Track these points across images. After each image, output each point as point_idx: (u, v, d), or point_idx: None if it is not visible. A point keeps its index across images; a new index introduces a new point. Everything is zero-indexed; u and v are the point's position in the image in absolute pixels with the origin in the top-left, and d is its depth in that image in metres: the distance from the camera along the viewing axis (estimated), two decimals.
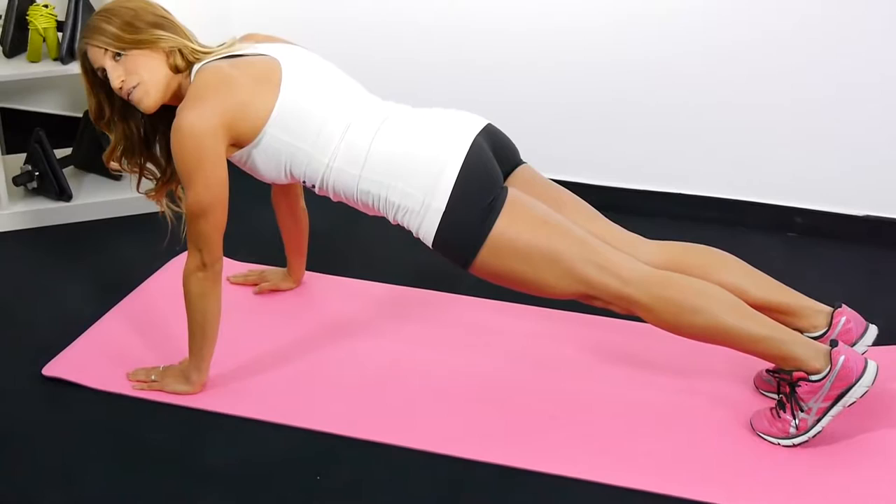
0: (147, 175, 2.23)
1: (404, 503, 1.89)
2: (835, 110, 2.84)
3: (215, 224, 2.02)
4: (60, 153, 3.06)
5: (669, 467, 1.95)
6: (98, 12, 2.06)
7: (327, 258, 2.71)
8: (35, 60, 2.93)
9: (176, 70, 2.06)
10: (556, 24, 3.01)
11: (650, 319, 2.00)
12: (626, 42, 2.96)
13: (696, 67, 2.92)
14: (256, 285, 2.59)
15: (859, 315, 2.09)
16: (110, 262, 2.76)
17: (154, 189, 2.24)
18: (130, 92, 2.03)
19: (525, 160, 2.20)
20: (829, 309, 2.09)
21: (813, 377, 1.92)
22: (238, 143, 2.05)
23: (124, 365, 2.22)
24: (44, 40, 2.93)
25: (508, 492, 1.91)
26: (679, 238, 2.20)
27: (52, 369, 2.22)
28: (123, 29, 2.01)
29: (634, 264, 2.01)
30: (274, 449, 2.02)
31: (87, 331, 2.37)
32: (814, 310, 2.08)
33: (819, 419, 1.94)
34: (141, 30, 2.02)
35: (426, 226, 2.01)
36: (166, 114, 2.10)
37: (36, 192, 3.01)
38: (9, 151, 3.31)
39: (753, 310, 1.98)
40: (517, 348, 2.34)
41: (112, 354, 2.28)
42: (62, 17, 2.93)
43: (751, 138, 2.95)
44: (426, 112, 2.10)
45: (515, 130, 2.22)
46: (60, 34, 2.93)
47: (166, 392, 2.15)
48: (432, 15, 3.11)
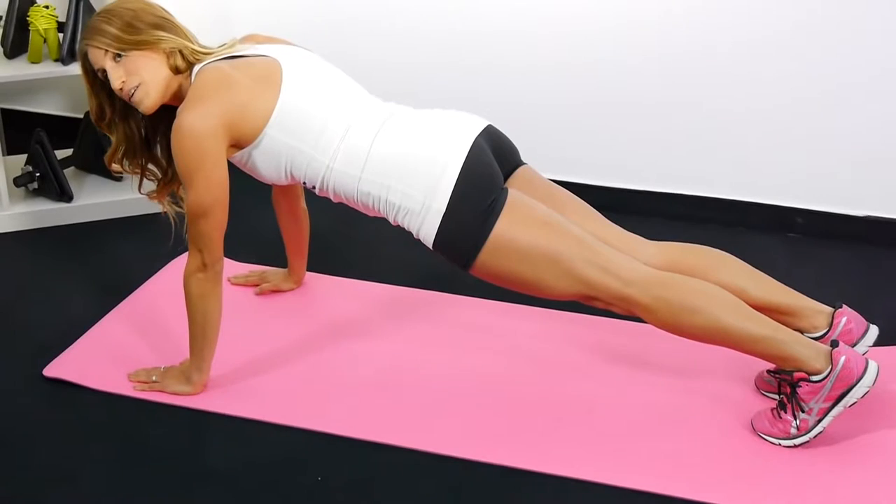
0: (148, 176, 2.23)
1: None
2: (835, 110, 2.84)
3: (216, 224, 2.02)
4: (61, 154, 3.07)
5: (671, 468, 1.94)
6: (98, 13, 2.06)
7: (328, 259, 2.71)
8: (36, 61, 2.93)
9: (176, 71, 2.06)
10: (556, 26, 3.01)
11: (650, 320, 2.00)
12: (627, 43, 2.96)
13: (696, 68, 2.92)
14: (257, 286, 2.59)
15: (860, 315, 2.09)
16: (111, 263, 2.76)
17: (155, 190, 2.25)
18: (131, 93, 2.03)
19: (525, 161, 2.20)
20: (830, 309, 2.09)
21: (814, 378, 1.92)
22: (238, 144, 2.05)
23: (125, 366, 2.23)
24: (44, 41, 2.93)
25: (509, 492, 1.91)
26: (679, 238, 2.20)
27: (53, 370, 2.22)
28: (124, 30, 2.01)
29: (635, 265, 2.01)
30: (275, 449, 2.02)
31: (88, 331, 2.37)
32: (814, 310, 2.08)
33: (820, 420, 1.94)
34: (141, 31, 2.02)
35: (426, 227, 2.01)
36: (167, 114, 2.10)
37: (37, 193, 3.01)
38: (10, 152, 3.30)
39: (754, 310, 1.98)
40: (518, 349, 2.34)
41: (113, 355, 2.28)
42: (63, 18, 2.93)
43: (751, 138, 2.95)
44: (426, 113, 2.10)
45: (515, 131, 2.22)
46: (61, 35, 2.93)
47: (167, 393, 2.15)
48: (433, 16, 3.11)
